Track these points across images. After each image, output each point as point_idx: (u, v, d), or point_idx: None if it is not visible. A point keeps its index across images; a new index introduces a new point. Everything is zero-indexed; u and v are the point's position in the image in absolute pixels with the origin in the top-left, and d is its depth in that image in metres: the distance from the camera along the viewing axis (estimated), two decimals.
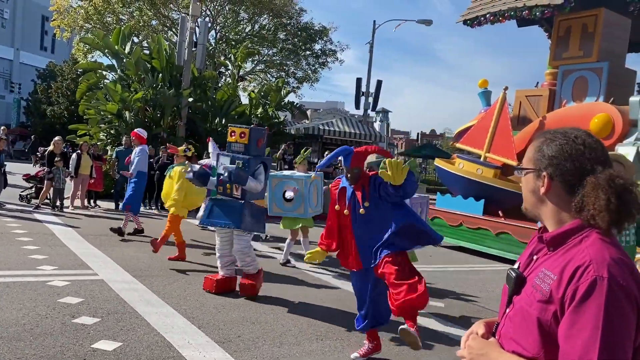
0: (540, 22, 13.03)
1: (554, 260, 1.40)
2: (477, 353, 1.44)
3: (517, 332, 1.40)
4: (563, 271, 1.33)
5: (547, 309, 1.33)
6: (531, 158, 1.51)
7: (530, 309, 1.37)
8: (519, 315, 1.41)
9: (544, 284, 1.36)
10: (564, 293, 1.30)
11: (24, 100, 41.15)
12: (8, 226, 8.87)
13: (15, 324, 4.40)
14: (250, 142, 6.02)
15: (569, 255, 1.37)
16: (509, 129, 11.29)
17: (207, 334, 4.66)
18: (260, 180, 6.02)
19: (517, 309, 1.43)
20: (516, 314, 1.42)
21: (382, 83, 23.77)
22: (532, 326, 1.35)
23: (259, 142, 6.11)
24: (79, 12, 25.83)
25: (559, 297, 1.31)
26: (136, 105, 15.58)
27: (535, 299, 1.36)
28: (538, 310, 1.34)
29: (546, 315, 1.33)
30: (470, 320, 6.01)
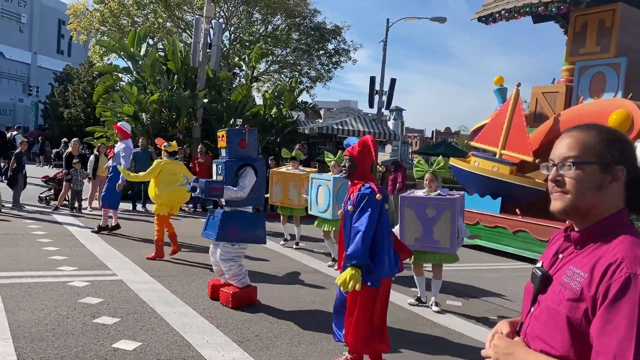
0: (556, 18, 12.88)
1: (582, 258, 1.39)
2: (503, 352, 1.43)
3: (544, 330, 1.39)
4: (594, 269, 1.32)
5: (577, 307, 1.32)
6: (593, 150, 1.41)
7: (559, 307, 1.36)
8: (545, 313, 1.40)
9: (574, 282, 1.35)
10: (596, 291, 1.29)
11: (41, 103, 41.74)
12: (28, 227, 9.00)
13: (37, 324, 4.47)
14: (229, 144, 5.69)
15: (598, 253, 1.36)
16: (524, 125, 11.20)
17: (225, 334, 4.69)
18: (243, 187, 5.55)
19: (543, 307, 1.42)
20: (542, 313, 1.41)
21: (396, 81, 23.67)
22: (561, 324, 1.34)
23: (241, 143, 5.70)
24: (94, 15, 26.11)
25: (591, 295, 1.30)
26: (152, 106, 15.72)
27: (564, 297, 1.35)
28: (568, 308, 1.33)
29: (576, 314, 1.32)
30: (488, 319, 5.98)
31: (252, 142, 5.82)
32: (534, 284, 1.48)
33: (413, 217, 6.02)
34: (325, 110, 46.24)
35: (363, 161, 4.17)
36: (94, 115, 22.19)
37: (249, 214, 5.75)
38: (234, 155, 5.70)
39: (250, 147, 5.81)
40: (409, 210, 6.06)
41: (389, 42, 24.55)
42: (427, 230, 6.01)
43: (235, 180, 5.60)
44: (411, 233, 6.04)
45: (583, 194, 1.40)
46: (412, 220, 6.04)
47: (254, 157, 5.82)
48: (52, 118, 36.20)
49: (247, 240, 5.69)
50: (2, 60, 49.89)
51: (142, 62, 16.26)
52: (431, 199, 6.07)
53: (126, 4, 25.51)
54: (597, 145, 1.40)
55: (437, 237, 5.97)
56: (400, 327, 5.35)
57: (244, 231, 5.62)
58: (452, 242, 5.93)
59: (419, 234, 6.02)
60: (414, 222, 6.03)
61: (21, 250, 7.21)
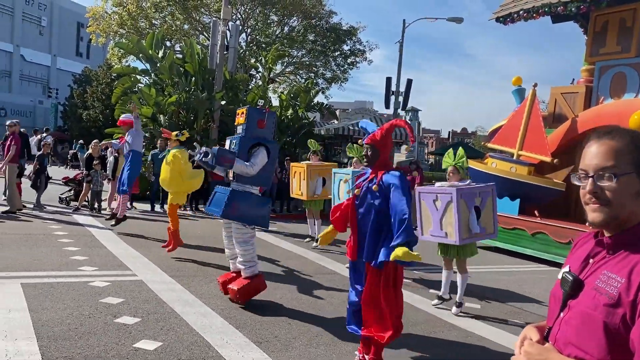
0: (575, 18, 12.73)
1: (616, 263, 1.37)
2: (536, 359, 1.42)
3: (578, 336, 1.37)
4: (631, 274, 1.31)
5: (614, 313, 1.30)
6: (627, 159, 1.38)
7: (594, 312, 1.34)
8: (578, 319, 1.38)
9: (610, 287, 1.33)
10: (636, 296, 1.28)
11: (61, 105, 42.34)
12: (50, 228, 9.14)
13: (60, 323, 4.54)
14: (248, 121, 5.63)
15: (634, 257, 1.34)
16: (541, 125, 11.09)
17: (244, 334, 4.72)
18: (254, 164, 5.47)
19: (576, 312, 1.40)
20: (575, 318, 1.40)
21: (412, 82, 23.58)
22: (597, 330, 1.32)
23: (259, 123, 5.67)
24: (113, 18, 26.42)
25: (630, 300, 1.28)
26: (170, 108, 15.87)
27: (600, 303, 1.33)
28: (604, 314, 1.32)
29: (614, 319, 1.30)
30: (508, 322, 5.94)
31: (269, 124, 5.82)
32: (564, 288, 1.46)
33: (465, 208, 5.93)
34: (340, 111, 46.21)
35: (385, 148, 4.12)
36: (112, 117, 22.46)
37: (256, 196, 5.69)
38: (250, 133, 5.66)
39: (268, 128, 5.80)
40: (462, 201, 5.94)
41: (404, 42, 24.47)
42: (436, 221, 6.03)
43: (247, 157, 5.57)
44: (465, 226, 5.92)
45: (623, 204, 1.38)
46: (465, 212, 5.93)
47: (269, 139, 5.79)
48: (71, 119, 36.71)
49: (251, 220, 5.59)
50: (23, 63, 50.72)
51: (160, 64, 16.42)
52: (477, 187, 6.11)
53: (144, 7, 25.78)
54: (632, 153, 1.38)
55: (483, 225, 6.03)
56: (418, 330, 5.33)
57: (249, 211, 5.56)
58: (457, 234, 5.84)
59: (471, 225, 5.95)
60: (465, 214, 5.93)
61: (43, 251, 7.32)
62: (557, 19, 12.94)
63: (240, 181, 5.63)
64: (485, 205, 6.10)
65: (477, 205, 6.00)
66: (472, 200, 5.95)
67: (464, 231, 5.83)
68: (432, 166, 53.13)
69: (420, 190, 6.32)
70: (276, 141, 5.93)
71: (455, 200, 5.78)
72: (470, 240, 5.96)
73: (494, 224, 6.26)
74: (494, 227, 6.23)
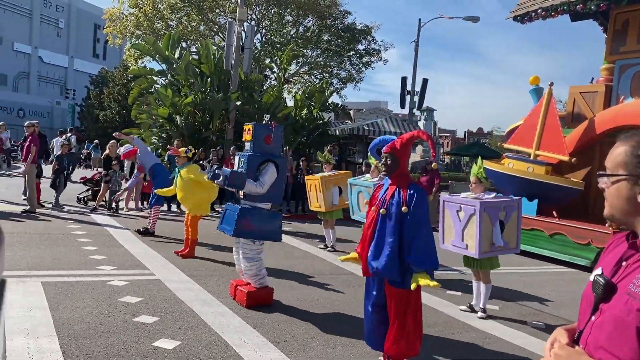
0: (595, 16, 12.58)
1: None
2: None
3: (610, 341, 1.35)
4: None
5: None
6: (623, 162, 1.42)
7: (628, 317, 1.31)
8: (610, 323, 1.35)
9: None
10: None
11: (78, 106, 42.84)
12: (68, 227, 9.24)
13: (80, 321, 4.59)
14: (254, 138, 5.67)
15: None
16: (558, 124, 10.97)
17: (262, 334, 4.72)
18: (263, 183, 5.53)
19: (607, 316, 1.37)
20: (606, 322, 1.37)
21: (428, 81, 23.49)
22: (630, 335, 1.29)
23: (266, 139, 5.69)
24: (129, 19, 26.66)
25: None
26: (186, 109, 15.96)
27: (634, 308, 1.31)
28: (638, 319, 1.29)
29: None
30: (527, 323, 5.88)
31: (277, 139, 5.82)
32: (595, 292, 1.43)
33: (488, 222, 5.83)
34: (355, 111, 46.12)
35: (404, 157, 4.05)
36: (129, 118, 22.69)
37: (265, 211, 5.71)
38: (258, 150, 5.69)
39: (275, 143, 5.81)
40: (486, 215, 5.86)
41: (420, 42, 24.36)
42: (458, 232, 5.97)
43: (256, 175, 5.59)
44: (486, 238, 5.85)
45: (616, 206, 1.44)
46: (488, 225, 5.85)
47: (276, 155, 5.81)
48: (88, 120, 37.09)
49: (262, 236, 5.65)
50: (41, 64, 51.44)
51: (177, 65, 16.53)
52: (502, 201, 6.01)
53: (160, 8, 25.98)
54: (629, 159, 1.41)
55: (506, 239, 5.95)
56: (437, 332, 5.30)
57: (260, 228, 5.60)
58: (477, 247, 5.77)
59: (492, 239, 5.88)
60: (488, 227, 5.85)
61: (62, 250, 7.40)
62: (576, 17, 12.80)
63: (249, 199, 5.65)
64: (509, 219, 5.99)
65: (501, 219, 5.89)
66: (496, 214, 5.86)
67: (485, 245, 5.76)
68: (447, 166, 52.72)
69: (444, 199, 6.23)
70: (284, 157, 5.89)
71: (478, 213, 5.70)
72: (490, 254, 5.87)
73: (517, 238, 6.12)
74: (517, 241, 6.10)
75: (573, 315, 6.40)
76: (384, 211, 3.94)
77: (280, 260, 8.09)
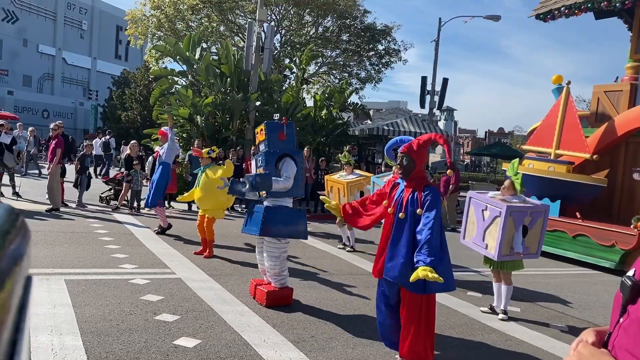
0: (619, 14, 12.34)
1: None
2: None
3: (634, 343, 1.32)
4: None
5: None
6: None
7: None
8: (635, 326, 1.33)
9: None
10: None
11: (100, 107, 43.48)
12: (91, 226, 9.37)
13: (102, 319, 4.65)
14: (268, 136, 5.70)
15: None
16: (577, 122, 10.79)
17: (281, 334, 4.73)
18: (288, 177, 5.56)
19: (633, 319, 1.35)
20: (632, 325, 1.34)
21: (448, 81, 23.32)
22: None
23: (280, 135, 5.71)
24: (151, 20, 26.95)
25: None
26: (206, 109, 16.08)
27: None
28: None
29: None
30: (549, 325, 5.79)
31: (290, 134, 5.83)
32: (623, 293, 1.41)
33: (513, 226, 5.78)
34: (374, 111, 45.96)
35: (420, 159, 4.04)
36: (150, 118, 22.93)
37: (290, 209, 5.75)
38: (274, 147, 5.71)
39: (289, 139, 5.82)
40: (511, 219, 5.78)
41: (440, 41, 24.18)
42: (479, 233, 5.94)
43: (276, 171, 5.63)
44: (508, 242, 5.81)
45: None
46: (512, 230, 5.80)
47: (292, 149, 5.82)
48: (111, 120, 37.61)
49: (289, 235, 5.69)
50: (65, 66, 52.30)
51: (197, 65, 16.67)
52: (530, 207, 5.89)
53: (181, 9, 26.21)
54: None
55: (527, 245, 5.89)
56: (457, 333, 5.26)
57: (286, 226, 5.64)
58: (497, 250, 5.72)
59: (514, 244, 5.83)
60: None
61: (85, 248, 7.51)
62: (599, 14, 12.59)
63: (273, 196, 5.65)
64: (534, 225, 5.90)
65: (526, 224, 5.81)
66: (521, 219, 5.79)
67: (505, 248, 5.71)
68: (467, 166, 52.27)
69: (472, 195, 6.20)
70: (300, 151, 5.91)
71: (503, 217, 5.64)
72: (509, 257, 5.81)
73: (539, 244, 6.03)
74: (537, 247, 6.01)
75: (597, 318, 6.30)
76: (403, 215, 3.94)
77: (300, 260, 8.10)
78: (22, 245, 0.94)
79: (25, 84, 48.66)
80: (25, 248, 0.96)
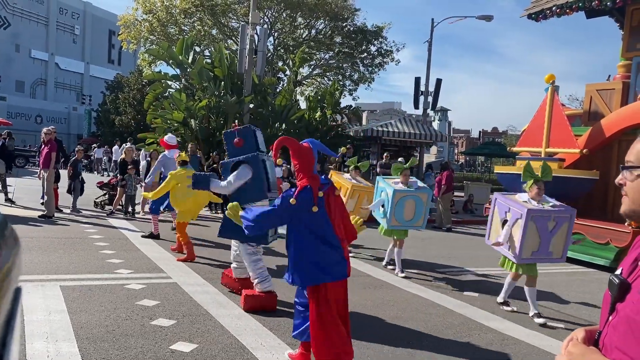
0: (610, 13, 12.41)
1: None
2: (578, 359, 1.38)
3: (623, 341, 1.33)
4: None
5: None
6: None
7: (637, 317, 1.29)
8: (624, 323, 1.34)
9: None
10: None
11: (94, 111, 43.38)
12: (86, 231, 9.34)
13: (98, 325, 4.63)
14: (227, 146, 6.03)
15: None
16: (564, 119, 10.85)
17: (278, 337, 4.73)
18: (229, 182, 5.69)
19: (621, 317, 1.36)
20: (620, 322, 1.35)
21: (441, 81, 23.36)
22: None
23: (236, 144, 5.86)
24: (143, 25, 26.90)
25: None
26: (200, 113, 16.06)
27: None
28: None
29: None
30: (545, 324, 5.80)
31: (247, 139, 5.91)
32: (611, 292, 1.42)
33: (535, 231, 5.80)
34: (368, 112, 46.00)
35: (296, 161, 3.99)
36: (144, 122, 22.90)
37: None
38: (231, 156, 5.98)
39: (247, 144, 5.89)
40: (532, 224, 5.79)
41: (433, 41, 24.23)
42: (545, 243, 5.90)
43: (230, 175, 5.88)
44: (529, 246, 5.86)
45: (637, 200, 1.41)
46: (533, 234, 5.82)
47: (249, 155, 5.83)
48: (104, 125, 37.54)
49: (245, 238, 5.45)
50: (58, 71, 52.18)
51: (190, 69, 16.65)
52: (553, 211, 5.89)
53: (174, 13, 26.18)
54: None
55: (551, 249, 5.91)
56: (454, 334, 5.26)
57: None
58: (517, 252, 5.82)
59: (536, 247, 5.87)
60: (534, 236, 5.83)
61: (80, 254, 7.48)
62: (591, 13, 12.66)
63: (241, 202, 5.66)
64: (559, 229, 5.86)
65: (551, 229, 5.80)
66: (544, 223, 5.77)
67: (526, 251, 5.76)
68: (462, 166, 52.42)
69: (497, 196, 6.29)
70: (258, 153, 5.90)
71: (524, 220, 5.66)
72: (530, 260, 5.87)
73: (564, 249, 6.02)
74: (562, 252, 5.99)
75: (592, 316, 6.32)
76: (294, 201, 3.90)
77: None
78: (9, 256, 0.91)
79: (18, 90, 48.51)
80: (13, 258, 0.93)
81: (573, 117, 12.25)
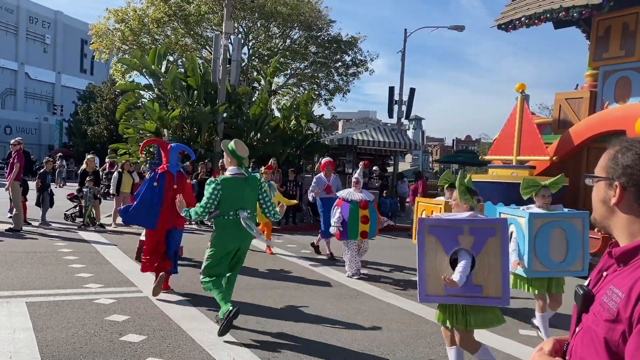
0: (577, 23, 12.69)
1: (623, 277, 1.32)
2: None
3: (585, 352, 1.33)
4: (632, 289, 1.25)
5: (614, 329, 1.25)
6: (604, 166, 1.44)
7: (597, 328, 1.29)
8: (587, 334, 1.34)
9: (612, 302, 1.28)
10: (632, 312, 1.23)
11: (65, 122, 42.58)
12: (55, 245, 9.11)
13: (65, 342, 4.49)
14: None
15: (639, 272, 1.29)
16: (534, 128, 11.02)
17: (251, 351, 4.65)
18: None
19: (585, 328, 1.36)
20: (585, 333, 1.35)
21: (415, 91, 23.60)
22: (599, 346, 1.28)
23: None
24: (116, 34, 26.57)
25: (627, 316, 1.23)
26: (174, 122, 15.90)
27: (602, 318, 1.29)
28: (605, 329, 1.27)
29: (614, 335, 1.25)
30: (518, 331, 5.84)
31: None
32: (576, 303, 1.42)
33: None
34: (344, 121, 46.19)
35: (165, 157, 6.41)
36: (117, 132, 22.55)
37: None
38: None
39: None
40: None
41: (407, 50, 24.49)
42: None
43: None
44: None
45: (596, 207, 1.46)
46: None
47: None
48: (76, 136, 36.90)
49: None
50: (28, 81, 51.13)
51: (163, 79, 16.48)
52: None
53: (146, 23, 25.93)
54: (611, 161, 1.42)
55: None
56: (428, 343, 5.25)
57: None
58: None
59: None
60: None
61: (48, 268, 7.29)
62: (559, 24, 12.92)
63: None
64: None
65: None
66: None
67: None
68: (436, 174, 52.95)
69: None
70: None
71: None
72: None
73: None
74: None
75: (568, 324, 6.38)
76: None
77: (271, 274, 8.02)
78: None
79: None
80: None
81: (543, 126, 12.44)
